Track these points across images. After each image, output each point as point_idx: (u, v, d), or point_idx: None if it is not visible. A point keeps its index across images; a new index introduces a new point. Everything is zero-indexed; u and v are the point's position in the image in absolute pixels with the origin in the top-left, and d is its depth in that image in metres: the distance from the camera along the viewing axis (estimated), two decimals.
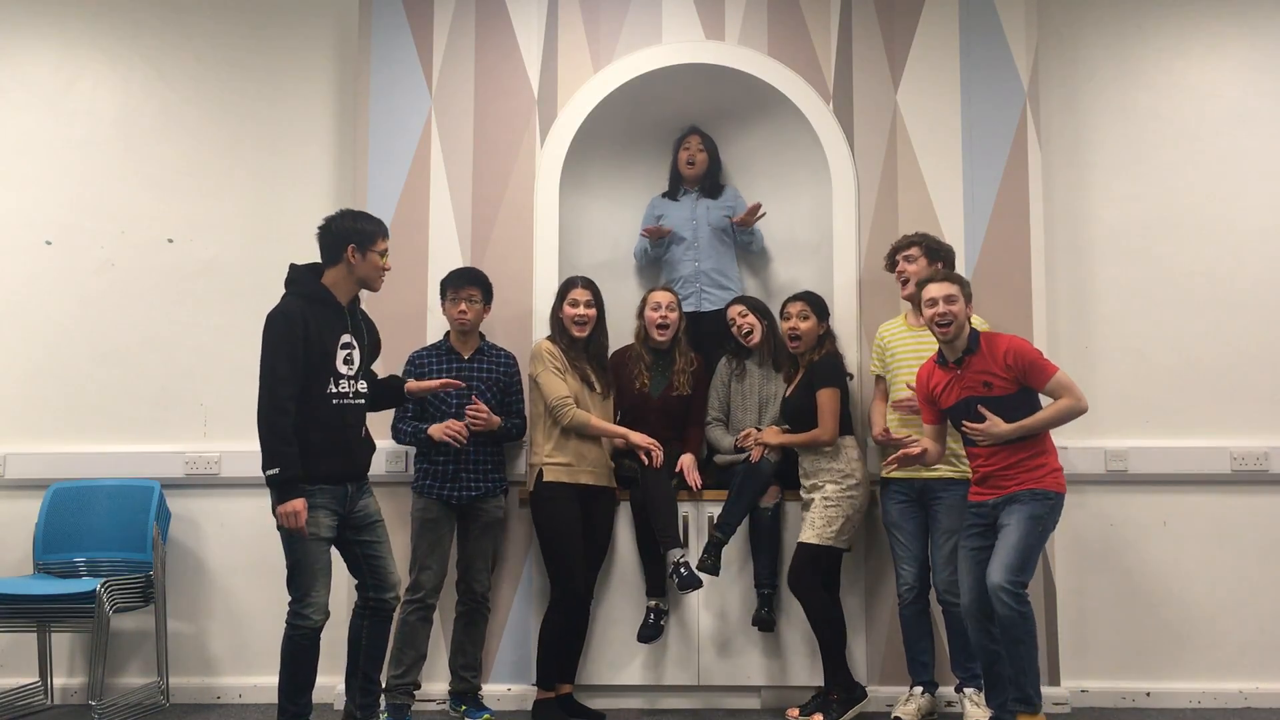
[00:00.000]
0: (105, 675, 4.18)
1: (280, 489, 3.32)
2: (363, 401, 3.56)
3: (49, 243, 4.68)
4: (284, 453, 3.31)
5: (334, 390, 3.45)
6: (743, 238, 4.61)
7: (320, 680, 4.16)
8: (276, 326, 3.38)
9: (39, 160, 4.70)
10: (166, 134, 4.72)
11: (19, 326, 4.64)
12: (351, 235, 3.47)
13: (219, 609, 4.53)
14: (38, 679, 4.40)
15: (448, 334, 4.19)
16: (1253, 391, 4.46)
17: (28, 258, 4.67)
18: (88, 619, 4.05)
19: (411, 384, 3.87)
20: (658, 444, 4.09)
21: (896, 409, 4.03)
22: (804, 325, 4.17)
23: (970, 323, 3.65)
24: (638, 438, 4.09)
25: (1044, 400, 3.59)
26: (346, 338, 3.49)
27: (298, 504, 3.32)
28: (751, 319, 4.28)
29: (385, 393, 3.81)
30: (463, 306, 4.08)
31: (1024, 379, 3.50)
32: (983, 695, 3.94)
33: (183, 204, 4.69)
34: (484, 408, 3.98)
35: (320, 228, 3.50)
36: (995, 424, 3.50)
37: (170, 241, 4.68)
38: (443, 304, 4.16)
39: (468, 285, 4.10)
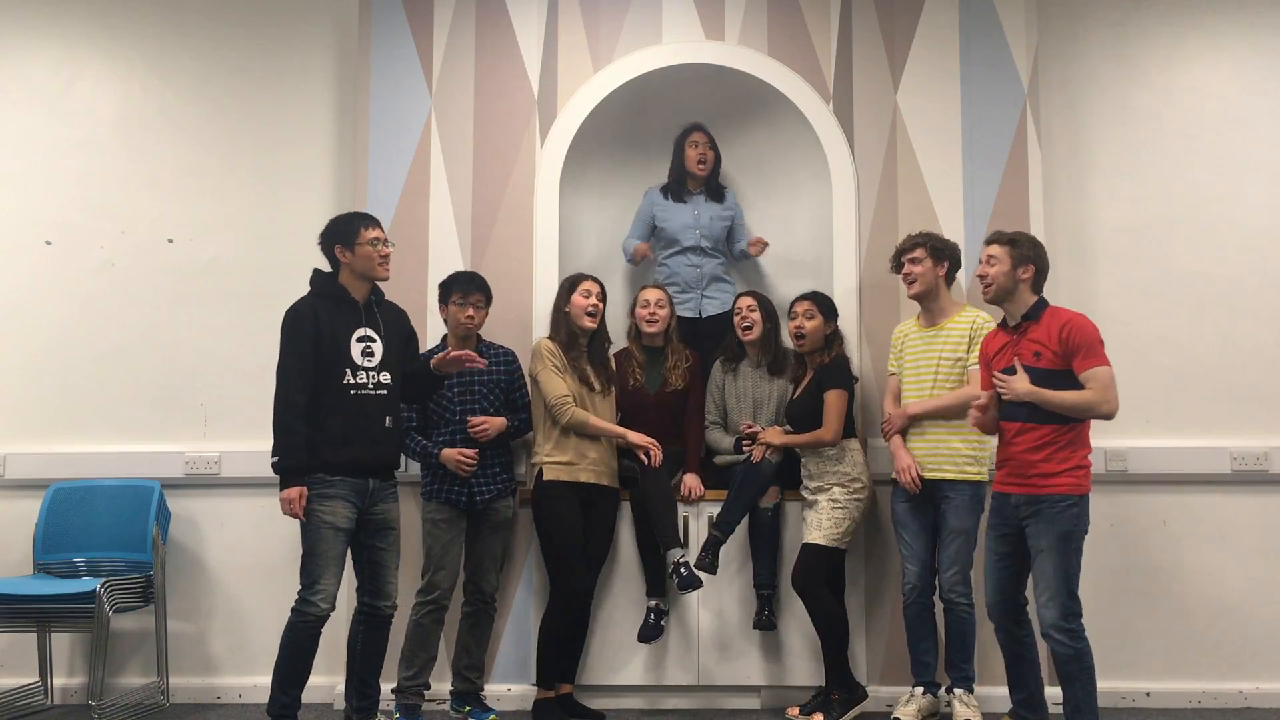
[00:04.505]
0: (105, 675, 4.18)
1: (281, 476, 3.45)
2: (385, 392, 3.61)
3: (49, 243, 4.68)
4: (286, 443, 3.45)
5: (351, 381, 3.54)
6: (739, 246, 4.64)
7: (322, 680, 4.19)
8: (286, 323, 3.55)
9: (39, 160, 4.70)
10: (166, 134, 4.72)
11: (19, 326, 4.64)
12: (334, 237, 3.64)
13: (219, 609, 4.53)
14: (38, 679, 4.39)
15: (444, 338, 4.18)
16: (1253, 391, 4.46)
17: (28, 258, 4.67)
18: (88, 619, 4.05)
19: (435, 359, 3.76)
20: (656, 444, 4.10)
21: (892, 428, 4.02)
22: (809, 324, 4.15)
23: (1027, 288, 3.49)
24: (636, 437, 4.10)
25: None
26: (362, 331, 3.59)
27: (293, 493, 3.43)
28: (757, 315, 4.27)
29: (421, 378, 3.78)
30: (470, 311, 4.07)
31: (1070, 358, 3.36)
32: (972, 697, 3.96)
33: (183, 204, 4.69)
34: (482, 420, 4.00)
35: (318, 243, 3.67)
36: (1021, 378, 3.38)
37: (170, 241, 4.68)
38: (444, 307, 4.14)
39: (476, 290, 4.10)
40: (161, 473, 4.49)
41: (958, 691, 3.95)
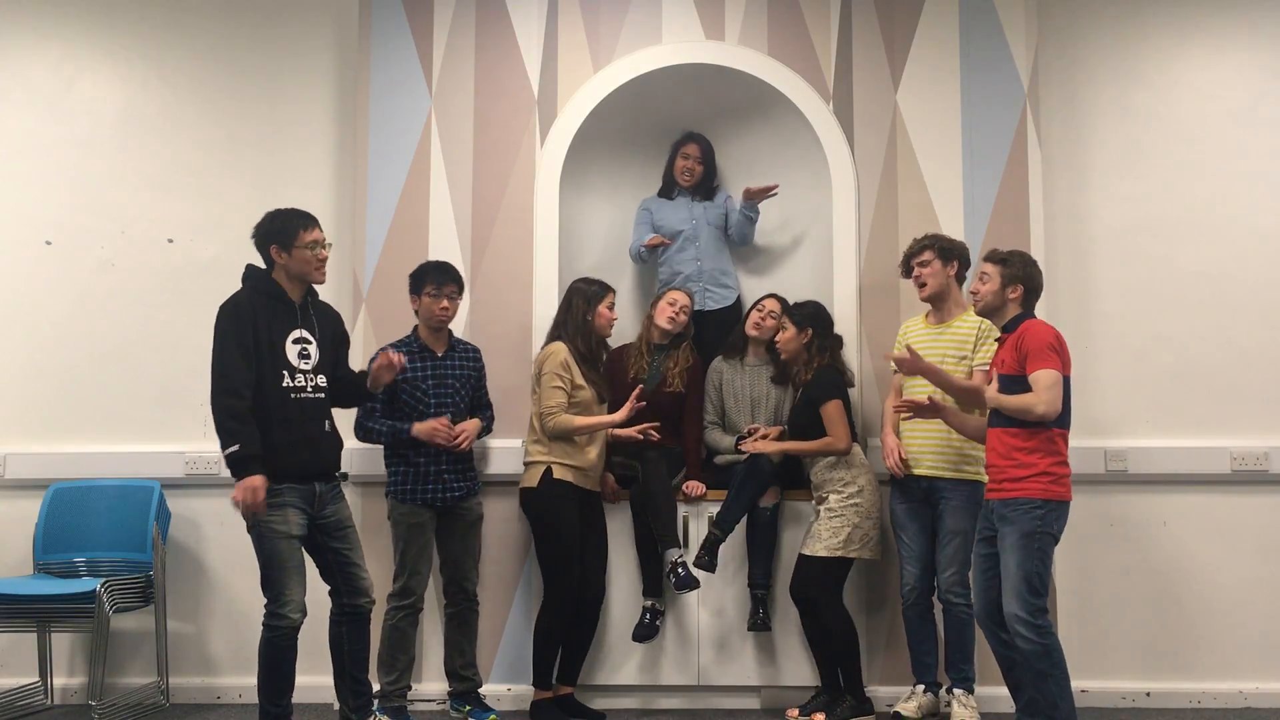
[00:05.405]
0: (105, 675, 4.18)
1: (240, 466, 3.31)
2: (323, 396, 3.55)
3: (49, 243, 4.68)
4: (241, 431, 3.31)
5: (290, 384, 3.45)
6: (746, 212, 4.51)
7: (321, 680, 4.19)
8: (226, 315, 3.43)
9: (39, 160, 4.70)
10: (166, 134, 4.72)
11: (19, 326, 4.64)
12: (270, 236, 3.51)
13: (219, 609, 4.53)
14: (38, 679, 4.40)
15: (415, 329, 4.12)
16: (1253, 391, 4.46)
17: (28, 258, 4.67)
18: (88, 619, 4.05)
19: (373, 374, 3.69)
20: (645, 428, 4.05)
21: (898, 410, 3.96)
22: (771, 323, 4.24)
23: (1016, 305, 3.54)
24: (626, 412, 3.99)
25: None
26: (298, 333, 3.50)
27: (256, 480, 3.30)
28: (773, 323, 4.26)
29: (356, 388, 3.73)
30: (445, 303, 4.03)
31: (1023, 363, 3.43)
32: (971, 698, 3.97)
33: (183, 204, 4.69)
34: (461, 429, 3.98)
35: (251, 237, 3.54)
36: (992, 387, 3.52)
37: (170, 241, 4.68)
38: (416, 299, 4.07)
39: (450, 281, 4.05)
40: (161, 473, 4.49)
41: (957, 692, 3.96)
